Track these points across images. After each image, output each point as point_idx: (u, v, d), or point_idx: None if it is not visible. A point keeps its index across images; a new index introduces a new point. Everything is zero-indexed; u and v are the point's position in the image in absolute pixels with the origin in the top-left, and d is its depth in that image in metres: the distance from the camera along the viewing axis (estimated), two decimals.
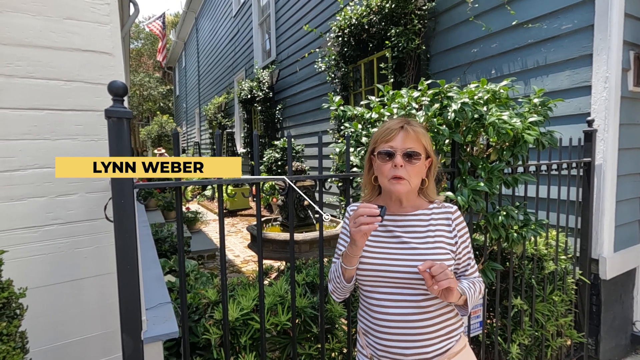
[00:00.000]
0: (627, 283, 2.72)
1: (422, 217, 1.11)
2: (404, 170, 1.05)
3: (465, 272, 1.15)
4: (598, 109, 2.49)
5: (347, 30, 4.56)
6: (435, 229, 1.10)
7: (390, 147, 1.06)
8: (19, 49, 1.19)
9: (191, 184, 1.20)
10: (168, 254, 3.66)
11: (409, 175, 1.05)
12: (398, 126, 1.07)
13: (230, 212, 8.30)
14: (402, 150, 1.05)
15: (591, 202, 2.49)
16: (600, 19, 2.45)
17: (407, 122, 1.09)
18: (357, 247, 1.01)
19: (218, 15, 12.36)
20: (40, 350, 1.24)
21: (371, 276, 1.09)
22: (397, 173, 1.04)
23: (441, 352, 1.07)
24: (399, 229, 1.11)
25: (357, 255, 1.04)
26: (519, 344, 2.11)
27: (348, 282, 1.11)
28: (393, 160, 1.05)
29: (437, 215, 1.12)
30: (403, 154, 1.05)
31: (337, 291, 1.17)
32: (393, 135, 1.06)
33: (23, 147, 1.21)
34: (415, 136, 1.06)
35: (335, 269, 1.15)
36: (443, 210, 1.13)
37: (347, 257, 1.05)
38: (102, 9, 1.31)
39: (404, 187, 1.06)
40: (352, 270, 1.08)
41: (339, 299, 1.21)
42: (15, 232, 1.21)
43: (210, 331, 1.52)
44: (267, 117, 7.92)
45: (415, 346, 1.05)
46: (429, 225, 1.10)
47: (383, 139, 1.08)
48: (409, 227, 1.11)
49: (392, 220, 1.12)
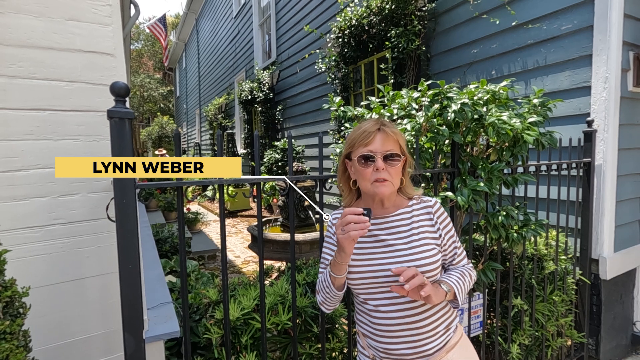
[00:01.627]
0: (627, 283, 2.73)
1: (403, 215, 1.11)
2: (386, 173, 1.03)
3: (453, 262, 1.16)
4: (598, 109, 2.50)
5: (348, 31, 4.57)
6: (418, 226, 1.10)
7: (370, 150, 1.04)
8: (21, 49, 1.19)
9: (192, 184, 1.21)
10: (169, 254, 3.66)
11: (391, 177, 1.05)
12: (375, 128, 1.05)
13: (230, 212, 8.31)
14: (382, 153, 1.03)
15: (591, 202, 2.49)
16: (599, 20, 2.46)
17: (383, 124, 1.07)
18: (345, 254, 0.99)
19: (218, 16, 12.38)
20: (43, 349, 1.24)
21: (362, 284, 1.08)
22: (379, 176, 1.03)
23: (441, 346, 1.09)
24: (382, 232, 1.11)
25: (346, 263, 1.02)
26: (519, 344, 2.11)
27: (339, 290, 1.09)
28: (375, 164, 1.03)
29: (418, 212, 1.12)
30: (383, 157, 1.03)
31: (327, 302, 1.13)
32: (371, 138, 1.04)
33: (25, 148, 1.21)
34: (393, 137, 1.05)
35: (323, 279, 1.12)
36: (422, 205, 1.14)
37: (336, 265, 1.03)
38: (104, 10, 1.32)
39: (388, 189, 1.06)
40: (341, 279, 1.06)
41: (329, 309, 1.17)
42: (18, 232, 1.21)
43: (211, 331, 1.52)
44: (268, 118, 7.93)
45: (416, 345, 1.06)
46: (412, 222, 1.10)
47: (361, 143, 1.05)
48: (392, 228, 1.10)
49: (375, 224, 1.11)
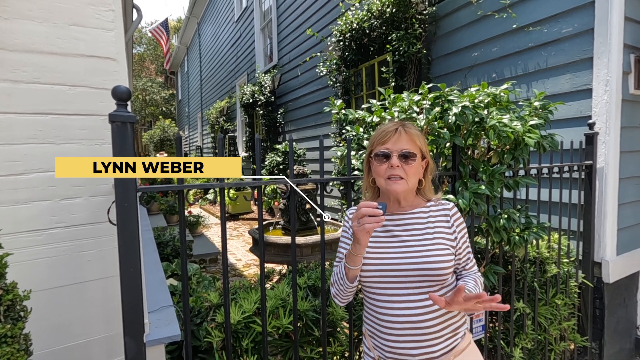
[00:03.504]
0: (630, 286, 2.71)
1: (420, 214, 1.14)
2: (401, 170, 1.07)
3: (466, 267, 1.18)
4: (599, 112, 2.49)
5: (349, 34, 4.58)
6: (434, 226, 1.12)
7: (387, 148, 1.09)
8: (25, 55, 1.20)
9: (194, 187, 1.21)
10: (170, 257, 3.67)
11: (406, 175, 1.08)
12: (393, 128, 1.10)
13: (232, 216, 8.31)
14: (397, 151, 1.08)
15: (593, 205, 2.48)
16: (600, 23, 2.47)
17: (402, 125, 1.12)
18: (360, 246, 1.03)
19: (220, 20, 12.45)
20: (44, 352, 1.24)
21: (373, 277, 1.10)
22: (393, 172, 1.07)
23: (447, 350, 1.08)
24: (397, 228, 1.13)
25: (360, 254, 1.06)
26: (521, 348, 2.10)
27: (351, 282, 1.12)
28: (389, 161, 1.08)
29: (435, 213, 1.14)
30: (399, 155, 1.08)
31: (340, 294, 1.18)
32: (388, 137, 1.09)
33: (28, 151, 1.22)
34: (409, 138, 1.09)
35: (338, 271, 1.17)
36: (441, 207, 1.16)
37: (351, 256, 1.07)
38: (107, 16, 1.33)
39: (402, 186, 1.09)
40: (355, 270, 1.10)
41: (342, 302, 1.21)
42: (20, 235, 1.22)
43: (212, 334, 1.52)
44: (269, 121, 7.96)
45: (422, 346, 1.06)
46: (427, 222, 1.12)
47: (379, 142, 1.11)
48: (408, 225, 1.13)
49: (390, 220, 1.15)
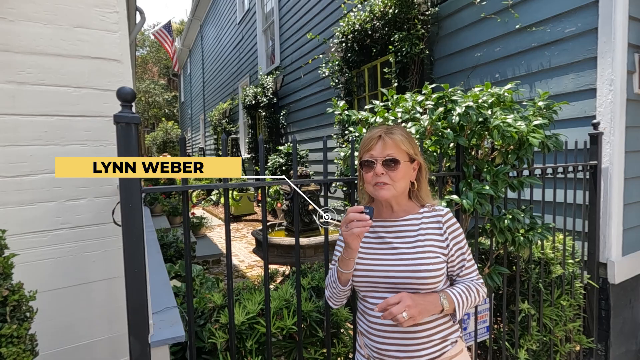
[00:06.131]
0: (636, 287, 2.69)
1: (412, 222, 1.14)
2: (386, 177, 1.08)
3: (460, 273, 1.16)
4: (603, 112, 2.48)
5: (351, 35, 4.59)
6: (425, 233, 1.11)
7: (371, 155, 1.11)
8: (30, 56, 1.21)
9: (198, 188, 1.21)
10: (173, 259, 3.67)
11: (392, 181, 1.09)
12: (376, 136, 1.11)
13: (235, 217, 8.32)
14: (381, 159, 1.09)
15: (598, 206, 2.47)
16: (604, 22, 2.45)
17: (386, 131, 1.12)
18: (351, 250, 1.05)
19: (223, 22, 12.49)
20: (50, 353, 1.25)
21: (364, 282, 1.12)
22: (378, 180, 1.09)
23: (435, 357, 1.08)
24: (389, 234, 1.14)
25: (352, 259, 1.08)
26: (527, 349, 2.08)
27: (344, 285, 1.14)
28: (374, 169, 1.09)
29: (428, 219, 1.14)
30: (383, 162, 1.08)
31: (334, 297, 1.20)
32: (372, 144, 1.11)
33: (33, 153, 1.23)
34: (394, 143, 1.09)
35: (331, 274, 1.19)
36: (433, 214, 1.15)
37: (343, 260, 1.09)
38: (112, 17, 1.33)
39: (388, 192, 1.10)
40: (347, 274, 1.11)
41: (336, 305, 1.23)
42: (26, 236, 1.22)
43: (216, 335, 1.52)
44: (272, 123, 7.97)
45: (407, 350, 1.07)
46: (419, 229, 1.12)
47: (365, 149, 1.13)
48: (399, 232, 1.13)
49: (382, 227, 1.16)
